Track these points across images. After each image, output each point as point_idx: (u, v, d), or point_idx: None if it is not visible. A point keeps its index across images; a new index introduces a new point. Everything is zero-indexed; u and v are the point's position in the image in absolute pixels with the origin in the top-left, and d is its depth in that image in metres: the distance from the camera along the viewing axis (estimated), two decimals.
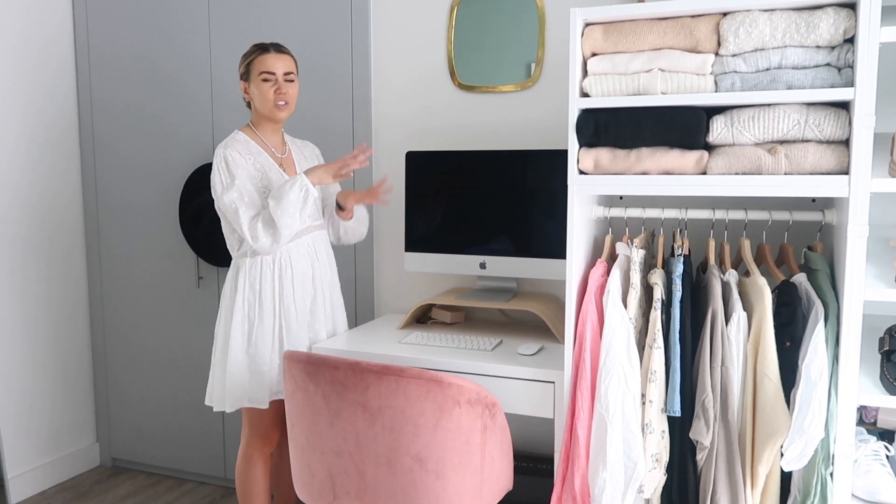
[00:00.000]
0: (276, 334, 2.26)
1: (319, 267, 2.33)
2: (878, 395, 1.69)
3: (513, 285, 2.52)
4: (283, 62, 2.22)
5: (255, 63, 2.21)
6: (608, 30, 1.84)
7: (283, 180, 2.23)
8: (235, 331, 2.24)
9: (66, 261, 3.26)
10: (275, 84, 2.20)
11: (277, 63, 2.21)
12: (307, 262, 2.30)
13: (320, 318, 2.34)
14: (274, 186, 2.22)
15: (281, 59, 2.22)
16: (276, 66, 2.20)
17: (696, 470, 1.79)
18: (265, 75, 2.20)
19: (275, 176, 2.25)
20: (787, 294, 1.79)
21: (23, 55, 3.03)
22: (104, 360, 3.36)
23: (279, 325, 2.26)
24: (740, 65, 1.73)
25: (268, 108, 2.23)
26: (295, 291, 2.27)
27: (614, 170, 1.87)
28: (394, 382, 1.80)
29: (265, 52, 2.21)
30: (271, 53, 2.21)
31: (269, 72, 2.19)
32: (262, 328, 2.24)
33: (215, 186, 2.21)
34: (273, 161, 2.28)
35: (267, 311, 2.24)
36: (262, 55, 2.21)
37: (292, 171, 2.33)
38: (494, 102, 2.62)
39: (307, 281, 2.30)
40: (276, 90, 2.20)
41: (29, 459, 3.13)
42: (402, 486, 1.84)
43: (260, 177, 2.22)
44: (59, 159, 3.21)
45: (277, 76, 2.20)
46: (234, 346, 2.24)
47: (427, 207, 2.54)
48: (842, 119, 1.67)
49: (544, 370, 2.02)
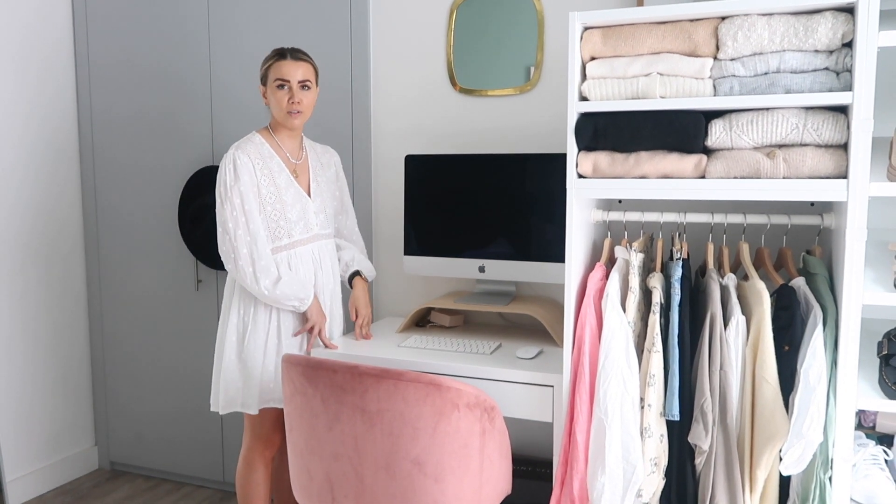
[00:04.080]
0: (271, 340, 2.25)
1: (323, 276, 2.33)
2: (876, 399, 1.69)
3: (512, 289, 2.52)
4: (300, 69, 2.20)
5: (272, 69, 2.21)
6: (607, 34, 1.84)
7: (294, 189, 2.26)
8: (230, 333, 2.25)
9: (65, 264, 3.26)
10: (288, 92, 2.19)
11: (293, 70, 2.19)
12: (310, 270, 2.29)
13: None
14: (281, 191, 2.22)
15: (298, 66, 2.20)
16: (290, 73, 2.19)
17: (694, 474, 1.79)
18: (279, 82, 2.19)
19: (283, 181, 2.25)
20: (786, 298, 1.79)
21: (23, 62, 3.04)
22: (103, 363, 3.35)
23: (275, 331, 2.25)
24: (739, 69, 1.74)
25: (281, 116, 2.22)
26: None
27: (613, 173, 1.87)
28: (392, 386, 1.80)
29: (282, 59, 2.20)
30: (287, 60, 2.20)
31: (284, 79, 2.18)
32: (255, 333, 2.23)
33: (219, 188, 2.20)
34: (285, 166, 2.27)
35: (261, 316, 2.24)
36: (278, 61, 2.20)
37: (305, 177, 2.32)
38: (493, 106, 2.62)
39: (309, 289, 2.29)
40: (290, 98, 2.19)
41: (27, 463, 3.12)
42: (401, 490, 1.84)
43: (267, 182, 2.22)
44: (59, 164, 3.21)
45: (292, 83, 2.19)
46: (227, 349, 2.25)
47: (426, 211, 2.54)
48: (840, 123, 1.67)
49: (543, 374, 2.01)
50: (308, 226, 2.28)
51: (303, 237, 2.26)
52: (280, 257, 2.23)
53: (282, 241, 2.23)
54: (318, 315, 2.27)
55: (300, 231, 2.26)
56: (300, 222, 2.26)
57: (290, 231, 2.24)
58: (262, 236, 2.18)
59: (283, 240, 2.23)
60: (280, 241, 2.23)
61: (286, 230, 2.23)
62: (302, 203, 2.27)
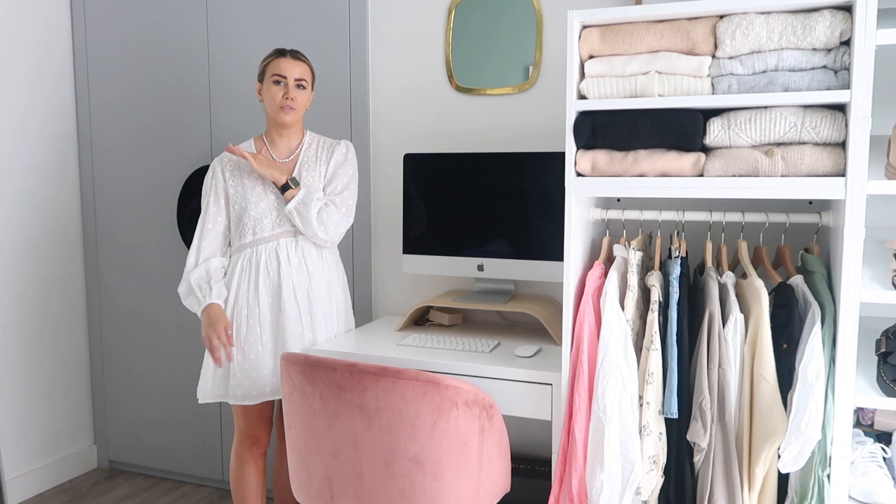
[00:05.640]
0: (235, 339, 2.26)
1: (291, 272, 2.28)
2: (874, 396, 1.69)
3: (510, 287, 2.52)
4: (297, 68, 2.25)
5: (270, 65, 2.25)
6: (605, 32, 1.84)
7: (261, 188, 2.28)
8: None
9: (64, 262, 3.26)
10: (284, 88, 2.23)
11: (291, 68, 2.24)
12: (273, 269, 2.27)
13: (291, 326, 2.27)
14: (247, 191, 2.29)
15: (296, 65, 2.25)
16: (288, 70, 2.23)
17: (693, 472, 1.79)
18: (276, 77, 2.23)
19: (251, 181, 2.29)
20: (784, 296, 1.79)
21: (20, 58, 3.03)
22: (102, 362, 3.35)
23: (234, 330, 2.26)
24: (737, 67, 1.74)
25: (273, 110, 2.26)
26: (249, 297, 2.27)
27: (611, 172, 1.87)
28: (391, 384, 1.81)
29: (281, 56, 2.25)
30: (286, 58, 2.25)
31: (281, 75, 2.23)
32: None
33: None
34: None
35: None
36: (277, 58, 2.25)
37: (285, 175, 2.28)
38: (492, 105, 2.62)
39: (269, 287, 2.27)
40: (285, 94, 2.23)
41: (26, 461, 3.12)
42: (400, 488, 1.84)
43: (235, 182, 2.30)
44: (57, 165, 3.21)
45: (288, 80, 2.23)
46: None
47: (425, 209, 2.54)
48: (838, 121, 1.68)
49: (542, 372, 2.02)
50: (276, 222, 2.28)
51: (267, 234, 2.27)
52: (245, 254, 2.28)
53: (246, 238, 2.28)
54: (207, 327, 2.21)
55: (266, 227, 2.27)
56: (265, 219, 2.27)
57: (255, 228, 2.27)
58: (212, 236, 2.31)
59: (247, 237, 2.28)
60: (245, 239, 2.28)
61: (250, 227, 2.27)
62: (269, 201, 2.28)
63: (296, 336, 2.28)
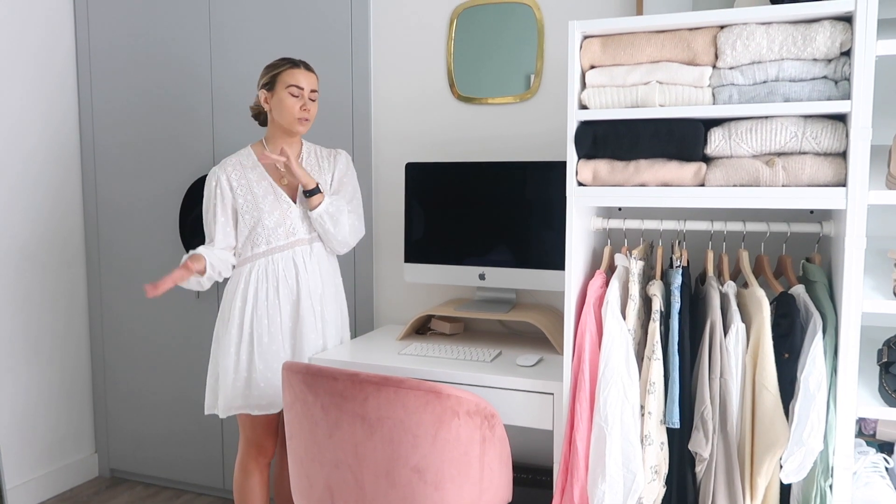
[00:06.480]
0: (243, 349, 2.26)
1: (308, 279, 2.30)
2: (876, 406, 1.69)
3: (512, 296, 2.52)
4: (311, 80, 2.27)
5: (284, 75, 2.23)
6: (606, 42, 1.85)
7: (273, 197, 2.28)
8: (214, 338, 2.34)
9: (66, 271, 3.27)
10: (301, 99, 2.24)
11: (306, 79, 2.25)
12: (291, 273, 2.28)
13: (308, 333, 2.30)
14: (258, 200, 2.26)
15: (310, 76, 2.27)
16: (305, 82, 2.24)
17: (695, 482, 1.79)
18: (293, 89, 2.22)
19: (261, 190, 2.28)
20: (786, 305, 1.79)
21: (23, 65, 3.05)
22: (104, 370, 3.35)
23: (247, 339, 2.26)
24: (738, 77, 1.74)
25: (289, 121, 2.25)
26: (269, 305, 2.27)
27: (613, 181, 1.88)
28: (393, 393, 1.80)
29: (296, 67, 2.25)
30: (301, 69, 2.25)
31: (299, 86, 2.23)
32: (227, 340, 2.27)
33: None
34: (268, 174, 2.30)
35: (234, 325, 2.27)
36: (292, 69, 2.24)
37: (294, 184, 2.31)
38: (494, 114, 2.63)
39: (289, 295, 2.28)
40: (302, 106, 2.24)
41: (28, 470, 3.12)
42: (401, 498, 1.84)
43: (244, 192, 2.28)
44: (60, 173, 3.22)
45: (305, 92, 2.24)
46: (212, 352, 2.35)
47: (426, 218, 2.55)
48: (839, 131, 1.68)
49: (543, 381, 2.02)
50: (290, 231, 2.28)
51: (282, 243, 2.28)
52: (259, 263, 2.27)
53: (260, 247, 2.27)
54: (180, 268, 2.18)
55: (280, 237, 2.27)
56: (279, 228, 2.27)
57: (268, 237, 2.26)
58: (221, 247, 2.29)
59: (260, 246, 2.27)
60: (258, 248, 2.27)
61: (264, 237, 2.26)
62: (282, 209, 2.28)
63: (311, 342, 2.31)
